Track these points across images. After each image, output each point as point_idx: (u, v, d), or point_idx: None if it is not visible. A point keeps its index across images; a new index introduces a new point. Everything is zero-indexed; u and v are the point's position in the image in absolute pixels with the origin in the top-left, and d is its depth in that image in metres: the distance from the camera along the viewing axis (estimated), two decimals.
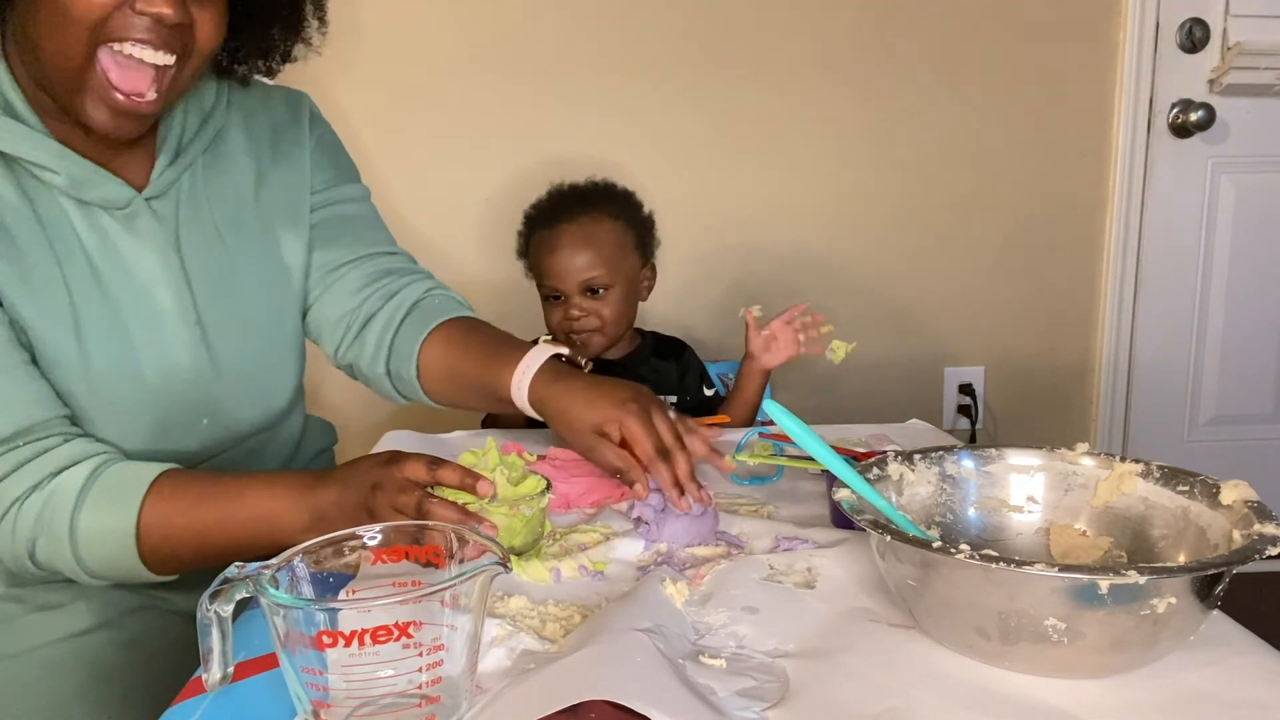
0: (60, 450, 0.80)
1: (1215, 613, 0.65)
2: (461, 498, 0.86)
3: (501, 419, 1.44)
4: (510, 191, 1.90)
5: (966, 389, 2.14)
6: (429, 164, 1.95)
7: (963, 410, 2.15)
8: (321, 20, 0.97)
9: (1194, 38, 2.03)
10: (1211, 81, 2.04)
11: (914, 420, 1.30)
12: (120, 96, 0.78)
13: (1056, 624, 0.57)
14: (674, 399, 1.50)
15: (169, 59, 0.79)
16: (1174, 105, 2.06)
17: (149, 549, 0.80)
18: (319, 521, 0.77)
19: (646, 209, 1.52)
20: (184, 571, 0.85)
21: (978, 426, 2.13)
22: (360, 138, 1.83)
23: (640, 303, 1.52)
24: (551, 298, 1.44)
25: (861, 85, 2.00)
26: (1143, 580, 0.55)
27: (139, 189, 0.89)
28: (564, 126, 1.95)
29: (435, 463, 0.76)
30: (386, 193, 1.88)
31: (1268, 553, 0.60)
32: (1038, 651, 0.59)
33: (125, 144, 0.87)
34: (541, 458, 1.04)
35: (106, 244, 0.87)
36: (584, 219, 1.41)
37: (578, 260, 1.40)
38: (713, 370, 1.75)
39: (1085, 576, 0.56)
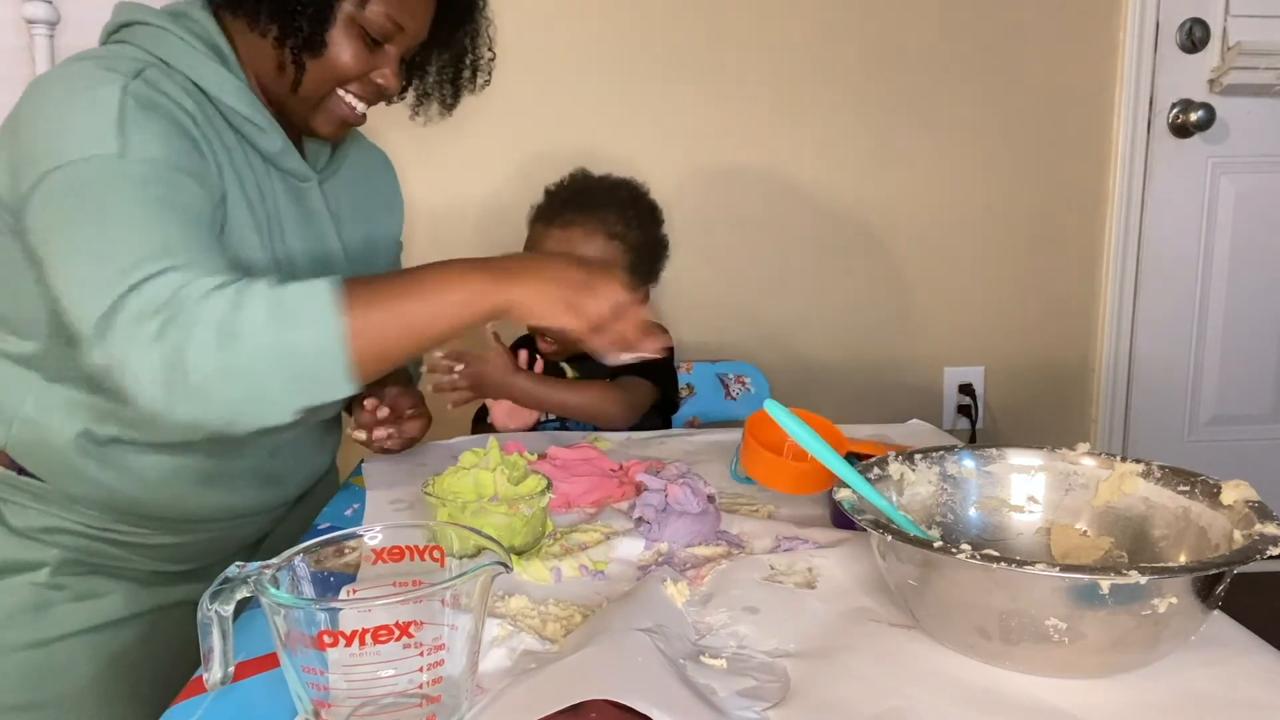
0: (226, 274, 0.80)
1: (1216, 613, 0.65)
2: (464, 495, 0.87)
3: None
4: (510, 189, 1.90)
5: (966, 389, 2.14)
6: (432, 160, 1.95)
7: (963, 410, 2.15)
8: (479, 72, 1.11)
9: (1194, 38, 2.03)
10: (1211, 81, 2.04)
11: (914, 420, 1.30)
12: (350, 120, 1.01)
13: (1057, 624, 0.57)
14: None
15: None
16: (1174, 105, 2.06)
17: (360, 344, 0.78)
18: (504, 283, 0.84)
19: (661, 231, 1.43)
20: (383, 370, 0.84)
21: (978, 426, 2.13)
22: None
23: None
24: None
25: (861, 86, 2.00)
26: (1144, 580, 0.55)
27: None
28: (570, 123, 1.95)
29: (628, 295, 0.88)
30: None
31: (1269, 553, 0.60)
32: (1039, 651, 0.59)
33: (295, 132, 1.02)
34: (542, 457, 1.04)
35: (293, 206, 1.02)
36: (576, 230, 1.33)
37: None
38: (712, 370, 1.75)
39: (1086, 576, 0.56)
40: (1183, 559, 0.68)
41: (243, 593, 0.56)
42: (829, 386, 2.10)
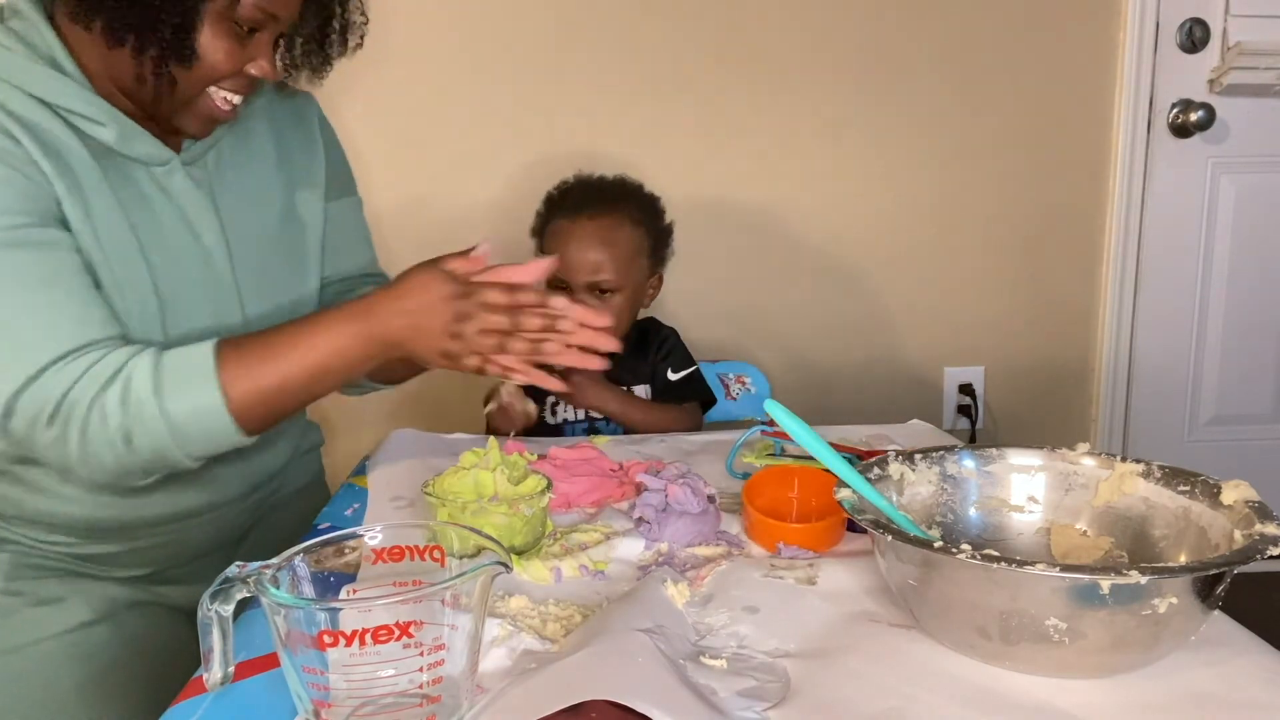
0: (113, 354, 0.84)
1: (1216, 613, 0.65)
2: (464, 495, 0.87)
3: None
4: (516, 189, 1.90)
5: (966, 389, 2.14)
6: (434, 162, 1.95)
7: (963, 410, 2.15)
8: (349, 35, 1.04)
9: (1194, 38, 2.03)
10: (1211, 81, 2.04)
11: (914, 420, 1.30)
12: (220, 117, 0.95)
13: (1058, 624, 0.57)
14: (646, 386, 1.48)
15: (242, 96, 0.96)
16: (1174, 105, 2.06)
17: (244, 412, 0.85)
18: (387, 349, 0.89)
19: (667, 218, 1.51)
20: (279, 422, 0.92)
21: (978, 426, 2.13)
22: (361, 134, 1.84)
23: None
24: (557, 286, 1.40)
25: (861, 85, 2.00)
26: (1144, 580, 0.55)
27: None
28: (569, 125, 1.95)
29: (510, 288, 0.88)
30: (389, 192, 1.89)
31: (1269, 553, 0.60)
32: (1039, 651, 0.59)
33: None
34: (542, 457, 1.04)
35: (156, 196, 0.95)
36: (606, 219, 1.39)
37: (591, 258, 1.37)
38: (712, 370, 1.75)
39: (1087, 577, 0.56)
40: (1183, 559, 0.68)
41: (243, 592, 0.56)
42: (829, 386, 2.10)
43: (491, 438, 0.94)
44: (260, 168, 1.07)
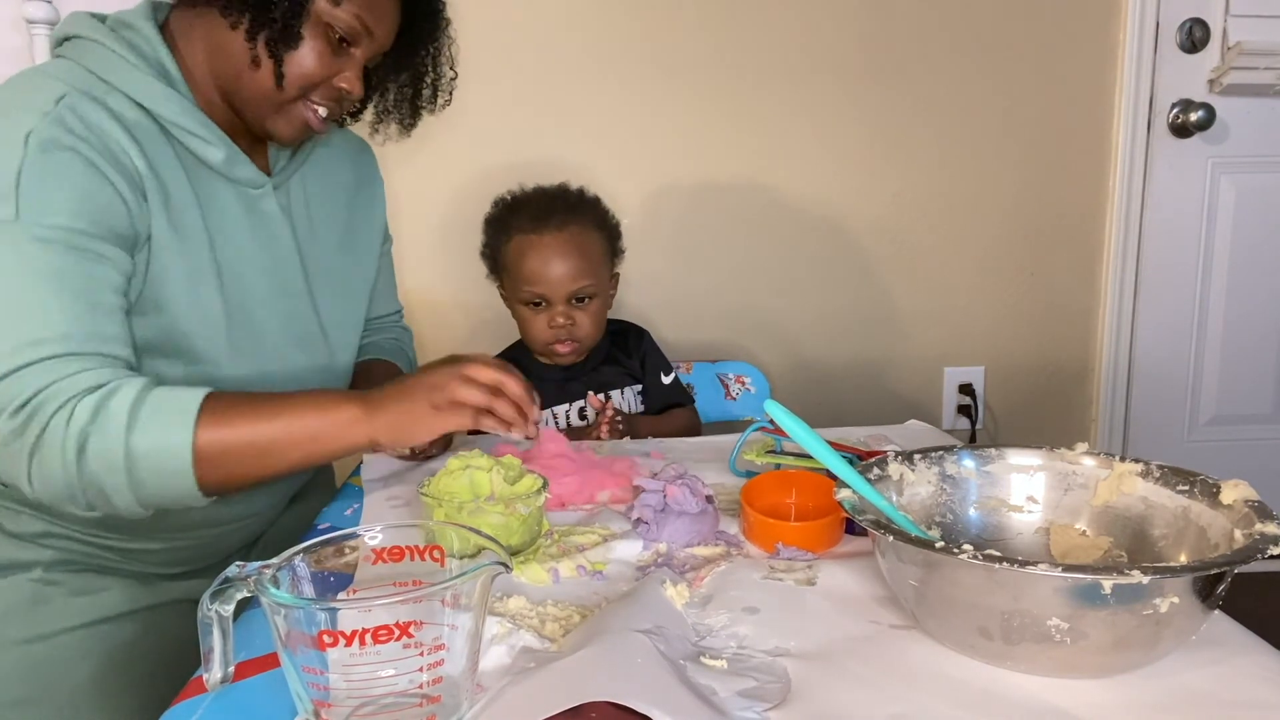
0: (108, 369, 0.83)
1: (1216, 613, 0.65)
2: (460, 495, 0.87)
3: None
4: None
5: (966, 389, 2.14)
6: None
7: (963, 410, 2.15)
8: (439, 92, 1.10)
9: (1194, 38, 2.03)
10: (1211, 81, 2.04)
11: (914, 420, 1.30)
12: (313, 126, 0.99)
13: (1059, 624, 0.57)
14: (639, 386, 1.51)
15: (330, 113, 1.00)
16: (1174, 105, 2.06)
17: (206, 463, 0.82)
18: (370, 410, 0.87)
19: (613, 216, 1.52)
20: (235, 489, 0.88)
21: (978, 426, 2.13)
22: None
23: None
24: (533, 304, 1.41)
25: (861, 84, 2.00)
26: (1145, 580, 0.55)
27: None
28: (566, 124, 1.95)
29: (503, 366, 0.90)
30: None
31: (1269, 553, 0.60)
32: (1040, 651, 0.59)
33: (254, 137, 1.01)
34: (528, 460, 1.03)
35: (242, 215, 1.00)
36: (572, 226, 1.40)
37: (569, 269, 1.38)
38: (712, 370, 1.75)
39: (1089, 576, 0.56)
40: (1183, 559, 0.68)
41: (243, 592, 0.56)
42: (829, 386, 2.10)
43: (477, 448, 0.94)
44: (330, 202, 1.12)
